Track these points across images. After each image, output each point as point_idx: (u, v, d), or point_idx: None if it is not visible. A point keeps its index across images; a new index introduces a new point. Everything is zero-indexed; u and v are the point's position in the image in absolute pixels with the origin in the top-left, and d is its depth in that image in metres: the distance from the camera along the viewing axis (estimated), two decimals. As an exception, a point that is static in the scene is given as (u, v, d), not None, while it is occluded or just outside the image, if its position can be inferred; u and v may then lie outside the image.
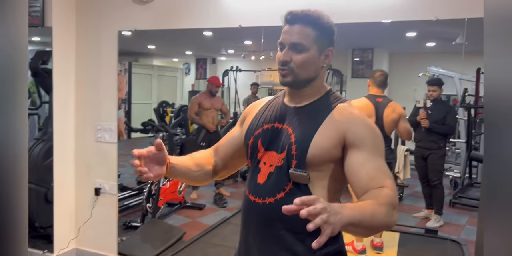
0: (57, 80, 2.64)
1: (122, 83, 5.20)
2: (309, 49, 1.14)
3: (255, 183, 1.20)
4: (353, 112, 1.17)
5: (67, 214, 2.74)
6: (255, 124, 1.26)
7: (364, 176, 1.07)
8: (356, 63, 5.42)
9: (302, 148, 1.13)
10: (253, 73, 6.71)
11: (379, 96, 3.06)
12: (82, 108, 2.73)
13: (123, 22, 2.60)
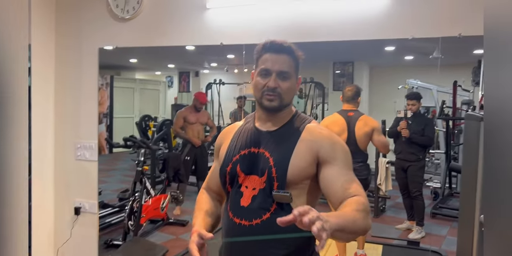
0: (35, 97, 2.61)
1: (103, 97, 5.15)
2: (292, 77, 1.27)
3: (239, 206, 1.26)
4: (322, 132, 1.29)
5: (45, 235, 2.68)
6: (231, 151, 1.33)
7: (339, 188, 1.19)
8: (337, 76, 5.51)
9: (282, 170, 1.21)
10: (236, 86, 6.75)
11: (350, 110, 3.11)
12: (61, 126, 2.70)
13: (103, 39, 2.59)
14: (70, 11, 2.67)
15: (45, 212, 2.68)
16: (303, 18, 2.24)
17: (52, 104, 2.70)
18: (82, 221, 2.64)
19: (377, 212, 4.09)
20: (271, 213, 1.21)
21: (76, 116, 2.66)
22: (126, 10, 2.54)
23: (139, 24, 2.52)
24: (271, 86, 1.22)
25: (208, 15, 2.38)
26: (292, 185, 1.21)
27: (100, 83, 5.39)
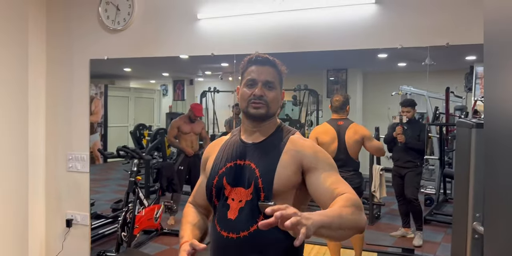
0: (26, 110, 2.60)
1: (97, 107, 5.14)
2: (277, 88, 1.32)
3: (226, 220, 1.27)
4: (304, 143, 1.33)
5: (37, 248, 2.66)
6: (217, 164, 1.36)
7: (327, 188, 1.21)
8: (331, 83, 5.53)
9: (268, 181, 1.24)
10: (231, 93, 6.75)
11: (340, 119, 3.13)
12: (52, 137, 2.69)
13: (95, 51, 2.60)
14: (61, 23, 2.68)
15: (37, 224, 2.66)
16: (292, 29, 2.26)
17: (43, 116, 2.69)
18: (74, 233, 2.62)
19: (372, 219, 4.08)
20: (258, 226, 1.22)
21: (67, 128, 2.65)
22: (117, 22, 2.55)
23: (130, 35, 2.53)
24: (258, 94, 1.27)
25: (199, 26, 2.39)
26: (278, 195, 1.24)
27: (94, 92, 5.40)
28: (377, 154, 3.12)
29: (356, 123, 3.12)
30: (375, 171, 4.02)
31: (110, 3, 2.53)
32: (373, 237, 3.76)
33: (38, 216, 2.67)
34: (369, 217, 4.08)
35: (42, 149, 2.68)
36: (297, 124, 5.91)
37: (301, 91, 6.12)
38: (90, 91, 2.66)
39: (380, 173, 3.99)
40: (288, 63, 4.85)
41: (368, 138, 3.05)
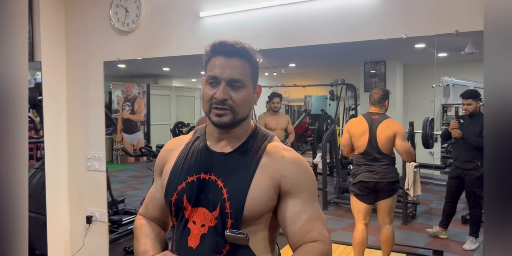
0: (47, 111, 2.75)
1: (140, 106, 5.33)
2: (247, 86, 1.04)
3: (186, 248, 1.04)
4: (285, 156, 1.06)
5: (61, 242, 2.81)
6: (176, 177, 1.09)
7: (299, 229, 1.01)
8: (369, 76, 5.33)
9: (237, 206, 1.00)
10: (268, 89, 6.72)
11: (375, 113, 2.99)
12: (73, 137, 2.82)
13: (107, 53, 2.68)
14: (78, 28, 2.80)
15: (61, 220, 2.81)
16: (296, 23, 2.18)
17: (65, 118, 2.83)
18: (94, 230, 2.74)
19: (405, 218, 3.88)
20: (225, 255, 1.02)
21: (85, 128, 2.77)
22: (127, 24, 2.61)
23: (138, 36, 2.58)
24: (219, 98, 1.00)
25: (202, 24, 2.39)
26: (249, 222, 1.02)
27: (137, 91, 5.59)
28: (405, 157, 2.90)
29: (392, 119, 2.96)
30: (408, 168, 3.81)
31: (120, 5, 2.59)
32: (404, 237, 3.57)
33: (63, 212, 2.82)
34: (402, 216, 3.88)
35: (65, 148, 2.82)
36: (328, 119, 5.75)
37: (338, 86, 5.96)
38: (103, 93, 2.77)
39: (414, 170, 3.78)
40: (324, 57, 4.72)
41: (399, 135, 2.87)
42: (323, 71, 6.26)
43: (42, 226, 2.85)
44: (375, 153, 2.89)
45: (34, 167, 3.10)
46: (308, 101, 7.93)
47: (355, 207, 2.90)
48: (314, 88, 7.01)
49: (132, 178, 5.34)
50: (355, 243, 2.86)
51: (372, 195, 2.87)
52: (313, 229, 1.01)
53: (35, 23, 2.77)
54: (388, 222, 2.89)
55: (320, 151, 5.29)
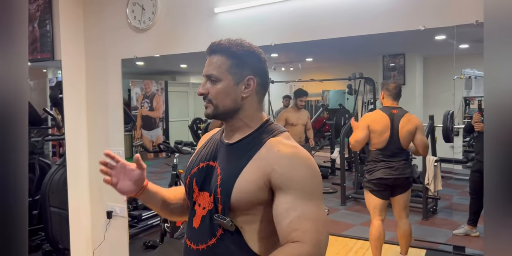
0: (68, 108, 2.81)
1: (159, 103, 5.39)
2: (222, 79, 1.09)
3: (190, 227, 1.15)
4: (281, 150, 1.05)
5: (83, 237, 2.88)
6: (193, 162, 1.21)
7: (285, 226, 0.99)
8: (387, 70, 5.25)
9: (226, 192, 1.05)
10: (285, 84, 6.70)
11: (394, 107, 2.94)
12: (93, 134, 2.88)
13: (124, 50, 2.72)
14: (96, 26, 2.84)
15: (82, 215, 2.88)
16: (311, 16, 2.17)
17: (85, 115, 2.89)
18: (114, 225, 2.79)
19: (426, 214, 3.82)
20: (217, 239, 1.07)
21: (105, 125, 2.82)
22: (143, 21, 2.64)
23: (155, 33, 2.60)
24: (198, 93, 1.12)
25: (217, 20, 2.39)
26: (240, 211, 1.05)
27: (156, 88, 5.65)
28: (421, 150, 2.86)
29: (410, 113, 2.93)
30: (428, 163, 3.74)
31: (136, 3, 2.62)
32: (424, 233, 3.53)
33: (84, 207, 2.88)
34: (423, 212, 3.82)
35: (85, 145, 2.88)
36: (346, 114, 5.70)
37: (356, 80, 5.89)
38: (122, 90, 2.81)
39: (435, 165, 3.71)
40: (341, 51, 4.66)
41: (420, 130, 2.86)
42: (340, 65, 6.20)
43: (65, 221, 2.92)
44: (394, 148, 2.85)
45: (56, 164, 3.18)
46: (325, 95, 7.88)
47: (370, 203, 2.88)
48: (332, 83, 6.95)
49: (152, 174, 5.40)
50: (372, 238, 2.84)
51: (388, 191, 2.84)
52: (299, 228, 0.97)
53: (54, 23, 2.83)
54: (405, 216, 2.87)
55: (338, 146, 5.25)
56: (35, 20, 2.98)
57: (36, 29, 2.98)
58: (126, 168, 1.17)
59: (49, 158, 3.68)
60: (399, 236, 2.92)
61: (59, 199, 2.99)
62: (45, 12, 2.90)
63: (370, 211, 2.90)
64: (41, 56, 2.90)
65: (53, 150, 3.94)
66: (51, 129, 3.81)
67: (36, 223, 3.26)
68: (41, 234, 3.24)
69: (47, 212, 3.07)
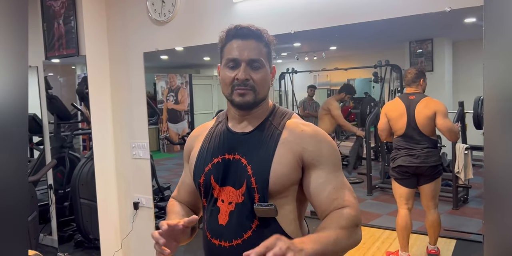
0: (93, 103, 2.88)
1: (183, 96, 5.44)
2: (265, 66, 1.10)
3: (216, 225, 1.11)
4: (304, 130, 1.11)
5: (112, 227, 2.96)
6: (202, 159, 1.17)
7: (325, 199, 1.05)
8: (414, 56, 5.10)
9: (263, 180, 1.06)
10: (309, 73, 6.62)
11: (412, 93, 2.88)
12: (118, 127, 2.94)
13: (146, 44, 2.75)
14: (119, 21, 2.88)
15: (110, 206, 2.96)
16: (331, 1, 2.12)
17: (110, 108, 2.95)
18: (141, 215, 2.85)
19: (456, 203, 3.72)
20: (253, 231, 1.07)
21: (129, 118, 2.87)
22: (163, 14, 2.65)
23: (175, 26, 2.62)
24: (242, 78, 1.06)
25: (236, 10, 2.38)
26: (276, 195, 1.07)
27: (180, 82, 5.71)
28: (448, 136, 2.79)
29: (430, 97, 2.83)
30: (458, 151, 3.63)
31: (156, -4, 2.64)
32: (454, 223, 3.44)
33: (111, 198, 2.96)
34: (453, 201, 3.72)
35: (111, 138, 2.94)
36: (371, 102, 5.58)
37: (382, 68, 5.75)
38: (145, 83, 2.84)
39: (465, 152, 3.59)
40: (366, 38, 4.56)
41: (440, 114, 2.75)
42: (365, 53, 6.06)
43: (94, 212, 3.01)
44: (415, 135, 2.79)
45: (85, 157, 3.27)
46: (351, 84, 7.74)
47: (396, 192, 2.83)
48: (357, 71, 6.81)
49: (178, 166, 5.48)
50: (399, 228, 2.80)
51: (413, 179, 2.78)
52: (339, 197, 1.05)
53: (78, 19, 2.89)
54: (433, 207, 2.80)
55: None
56: (60, 17, 3.04)
57: (61, 25, 3.05)
58: (174, 230, 1.07)
59: (79, 152, 3.79)
60: (427, 227, 2.86)
61: (88, 191, 3.08)
62: (69, 9, 2.96)
63: (396, 199, 2.85)
64: (67, 52, 2.97)
65: (83, 144, 4.05)
66: (81, 123, 3.91)
67: (68, 214, 3.38)
68: (72, 225, 3.35)
69: (77, 203, 3.17)
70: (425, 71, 2.95)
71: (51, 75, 3.52)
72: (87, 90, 3.10)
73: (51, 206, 3.45)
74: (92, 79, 2.84)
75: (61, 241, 3.31)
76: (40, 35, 3.11)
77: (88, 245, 3.16)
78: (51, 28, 3.12)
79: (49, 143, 3.49)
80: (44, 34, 3.12)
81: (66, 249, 3.24)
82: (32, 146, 4.21)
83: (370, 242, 3.14)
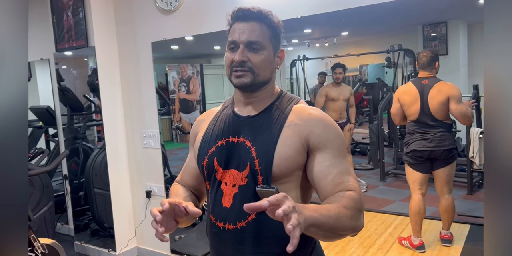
0: (104, 93, 2.90)
1: (195, 86, 5.45)
2: (266, 48, 1.07)
3: (220, 208, 1.09)
4: (311, 113, 1.09)
5: (125, 216, 3.01)
6: (207, 142, 1.15)
7: (330, 182, 1.02)
8: (428, 40, 5.01)
9: (266, 161, 1.04)
10: (320, 60, 6.54)
11: (425, 78, 2.80)
12: (129, 117, 2.95)
13: (154, 33, 2.74)
14: (126, 11, 2.88)
15: (123, 195, 3.00)
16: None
17: (120, 99, 2.97)
18: (153, 204, 2.88)
19: (470, 188, 3.68)
20: (257, 213, 1.00)
21: (139, 108, 2.89)
22: (170, 2, 2.63)
23: (181, 14, 2.60)
24: (237, 60, 1.03)
25: (241, -4, 2.34)
26: (279, 179, 1.05)
27: (191, 71, 5.71)
28: (461, 120, 2.71)
29: (444, 82, 2.76)
30: (473, 135, 3.57)
31: (162, -15, 2.61)
32: (468, 208, 3.40)
33: (124, 187, 3.00)
34: (468, 186, 3.68)
35: (122, 128, 2.97)
36: (384, 88, 5.51)
37: (394, 52, 5.66)
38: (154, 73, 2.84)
39: (480, 137, 3.53)
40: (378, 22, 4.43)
41: (453, 99, 2.67)
42: (378, 38, 5.96)
43: (108, 201, 3.06)
44: (428, 120, 2.73)
45: (98, 147, 3.31)
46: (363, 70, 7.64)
47: (410, 177, 2.80)
48: (370, 56, 6.71)
49: (190, 155, 5.54)
50: (412, 213, 2.77)
51: (427, 164, 2.73)
52: (343, 181, 1.02)
53: (86, 10, 2.89)
54: (447, 192, 2.75)
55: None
56: (68, 9, 3.05)
57: (70, 17, 3.06)
58: (175, 210, 1.02)
59: (94, 143, 3.83)
60: (441, 212, 2.83)
61: (102, 181, 3.12)
62: (77, 0, 2.97)
63: (410, 185, 2.81)
64: (76, 44, 2.99)
65: (98, 136, 4.10)
66: (94, 114, 3.95)
67: (83, 204, 3.44)
68: (88, 214, 3.41)
69: (92, 193, 3.22)
70: (438, 54, 2.87)
71: (65, 68, 3.55)
72: (98, 81, 3.13)
73: (67, 196, 3.52)
74: (102, 70, 2.86)
75: (77, 230, 3.37)
76: (50, 28, 3.13)
77: (103, 234, 3.22)
78: (60, 20, 3.14)
79: (63, 134, 3.54)
80: (54, 27, 3.13)
81: (82, 237, 3.30)
82: (48, 138, 4.28)
83: (383, 228, 3.12)
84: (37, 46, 3.40)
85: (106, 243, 3.12)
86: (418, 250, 2.74)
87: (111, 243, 3.05)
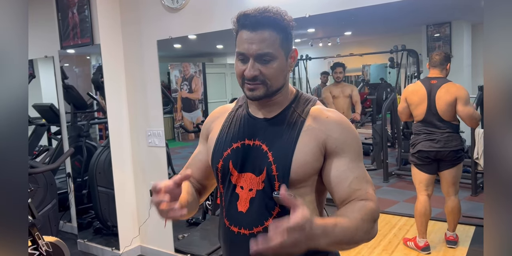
0: (109, 91, 2.89)
1: (197, 85, 5.44)
2: (278, 57, 1.01)
3: (236, 212, 1.07)
4: (329, 116, 1.06)
5: (129, 214, 3.00)
6: (221, 144, 1.12)
7: (347, 188, 1.01)
8: (432, 40, 4.99)
9: (284, 168, 1.02)
10: (323, 60, 6.53)
11: (434, 78, 2.79)
12: (134, 115, 2.94)
13: (160, 31, 2.73)
14: (132, 9, 2.87)
15: (127, 193, 2.99)
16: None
17: (125, 97, 2.96)
18: (157, 202, 2.88)
19: (475, 189, 3.66)
20: (274, 218, 1.04)
21: (144, 106, 2.88)
22: (176, 0, 2.62)
23: (188, 12, 2.59)
24: (249, 76, 1.00)
25: (249, -6, 2.33)
26: (296, 184, 1.03)
27: (194, 70, 5.70)
28: (468, 122, 2.70)
29: (453, 83, 2.75)
30: (477, 136, 3.55)
31: (168, -17, 2.60)
32: (473, 209, 3.39)
33: (128, 186, 2.99)
34: (472, 187, 3.67)
35: (127, 127, 2.96)
36: (387, 88, 5.49)
37: (398, 53, 5.65)
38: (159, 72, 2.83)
39: (485, 138, 3.51)
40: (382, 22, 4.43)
41: (461, 100, 2.66)
42: (381, 38, 5.94)
43: (112, 200, 3.04)
44: (435, 120, 2.72)
45: (102, 145, 3.30)
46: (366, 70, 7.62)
47: (416, 178, 2.79)
48: (373, 56, 6.68)
49: (193, 154, 5.53)
50: (417, 214, 2.76)
51: (434, 165, 2.72)
52: (361, 188, 1.01)
53: (92, 7, 2.88)
54: (453, 193, 2.74)
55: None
56: (74, 6, 3.04)
57: (76, 15, 3.05)
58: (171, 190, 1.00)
59: (96, 141, 3.82)
60: (447, 213, 2.82)
61: (105, 179, 3.11)
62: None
63: (416, 185, 2.81)
64: (81, 41, 2.97)
65: (100, 134, 4.09)
66: (97, 112, 3.94)
67: (87, 202, 3.43)
68: (91, 212, 3.40)
69: (95, 191, 3.21)
70: (451, 57, 2.88)
71: (67, 66, 3.54)
72: (102, 79, 3.11)
73: (70, 194, 3.51)
74: (107, 68, 2.85)
75: (81, 228, 3.37)
76: (55, 25, 3.11)
77: (106, 232, 3.21)
78: (66, 18, 3.12)
79: (66, 132, 3.53)
80: (59, 24, 3.12)
81: (86, 235, 3.30)
82: (50, 136, 4.27)
83: (387, 229, 3.12)
84: (41, 44, 3.39)
85: (110, 241, 3.11)
86: (424, 251, 2.73)
87: (115, 242, 3.04)
